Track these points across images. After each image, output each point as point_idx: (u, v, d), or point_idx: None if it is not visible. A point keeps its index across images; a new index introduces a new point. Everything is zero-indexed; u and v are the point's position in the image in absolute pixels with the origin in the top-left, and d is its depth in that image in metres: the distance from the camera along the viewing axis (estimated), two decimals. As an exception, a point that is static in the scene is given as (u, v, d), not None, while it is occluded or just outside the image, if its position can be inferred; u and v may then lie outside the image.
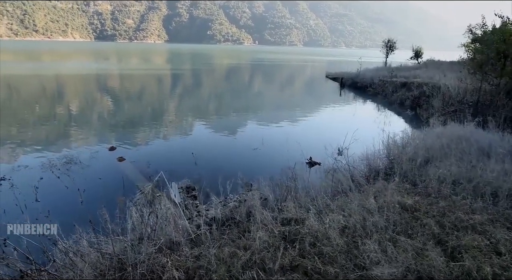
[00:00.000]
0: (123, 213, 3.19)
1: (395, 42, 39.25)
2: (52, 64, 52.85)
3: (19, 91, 25.07)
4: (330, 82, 35.06)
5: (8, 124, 15.38)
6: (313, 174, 9.95)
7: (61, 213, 3.15)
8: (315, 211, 3.18)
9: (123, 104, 21.22)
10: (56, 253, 2.57)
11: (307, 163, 10.72)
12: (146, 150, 11.51)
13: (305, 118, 18.00)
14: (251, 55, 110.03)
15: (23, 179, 7.26)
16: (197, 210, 4.44)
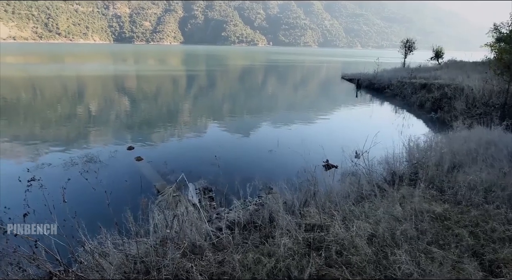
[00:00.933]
0: (145, 214, 3.19)
1: (414, 42, 38.10)
2: (74, 66, 54.84)
3: (43, 92, 26.12)
4: (346, 83, 34.48)
5: (32, 123, 16.04)
6: (330, 177, 9.77)
7: (85, 213, 3.20)
8: (340, 217, 3.06)
9: (141, 104, 21.66)
10: (82, 254, 2.61)
11: (323, 166, 10.53)
12: (163, 150, 11.67)
13: (321, 119, 17.75)
14: (265, 56, 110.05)
15: (51, 179, 7.48)
16: (216, 213, 4.41)
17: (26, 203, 2.29)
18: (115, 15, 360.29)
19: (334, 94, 29.57)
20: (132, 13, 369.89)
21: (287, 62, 79.42)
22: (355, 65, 63.82)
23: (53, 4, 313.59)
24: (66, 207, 2.58)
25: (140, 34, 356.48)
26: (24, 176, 8.71)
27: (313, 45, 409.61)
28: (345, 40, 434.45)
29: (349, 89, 30.50)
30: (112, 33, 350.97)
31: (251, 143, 12.95)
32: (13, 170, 9.42)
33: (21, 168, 9.49)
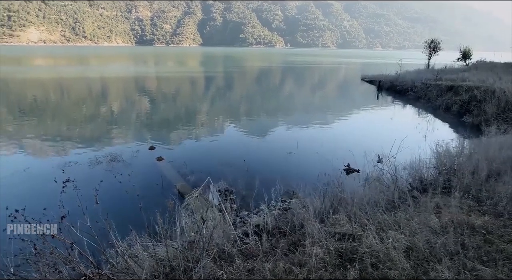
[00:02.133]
0: (172, 217, 3.18)
1: (439, 42, 36.54)
2: (99, 68, 57.08)
3: (69, 93, 27.33)
4: (366, 85, 33.64)
5: (60, 122, 16.78)
6: (351, 181, 9.48)
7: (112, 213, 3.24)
8: (372, 227, 2.90)
9: (161, 105, 22.14)
10: (113, 255, 2.63)
11: (344, 170, 10.25)
12: (182, 151, 11.81)
13: (340, 122, 17.37)
14: (283, 58, 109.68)
15: (84, 180, 7.71)
16: (240, 216, 4.35)
17: (62, 204, 2.33)
18: (137, 18, 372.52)
19: (354, 96, 28.89)
20: (153, 16, 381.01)
21: (305, 63, 78.71)
22: (375, 67, 62.22)
23: (80, 9, 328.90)
24: (98, 208, 2.61)
25: (160, 36, 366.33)
26: (52, 174, 9.08)
27: (331, 46, 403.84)
28: (364, 41, 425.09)
29: (370, 91, 29.71)
30: (134, 36, 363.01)
31: (270, 145, 12.85)
32: (44, 169, 9.85)
33: (51, 165, 9.90)
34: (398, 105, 22.93)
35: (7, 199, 7.80)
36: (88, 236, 2.41)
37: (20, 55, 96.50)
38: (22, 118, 17.46)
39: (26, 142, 12.82)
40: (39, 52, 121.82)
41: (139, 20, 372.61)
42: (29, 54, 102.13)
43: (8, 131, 14.70)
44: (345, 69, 64.63)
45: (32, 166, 9.81)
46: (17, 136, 13.66)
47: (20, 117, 17.88)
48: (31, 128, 15.20)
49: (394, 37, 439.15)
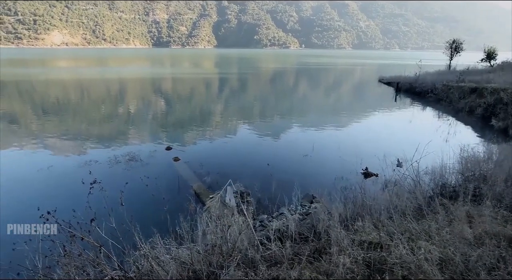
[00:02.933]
0: (193, 219, 3.16)
1: (461, 42, 35.15)
2: (117, 69, 58.74)
3: (89, 93, 28.23)
4: (383, 87, 32.84)
5: (80, 122, 17.34)
6: (369, 186, 9.22)
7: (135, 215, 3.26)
8: (400, 236, 2.75)
9: (177, 106, 22.47)
10: (137, 258, 2.63)
11: (362, 174, 9.99)
12: (198, 151, 11.88)
13: (357, 124, 16.99)
14: (298, 59, 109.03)
15: (105, 180, 7.89)
16: (260, 220, 4.28)
17: (89, 205, 2.35)
18: (154, 21, 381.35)
19: (371, 98, 28.24)
20: (169, 18, 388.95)
21: (320, 65, 77.89)
22: (393, 68, 60.70)
23: (100, 12, 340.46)
24: (119, 209, 2.62)
25: (176, 38, 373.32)
26: (74, 172, 9.34)
27: (347, 47, 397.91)
28: (381, 42, 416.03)
29: (387, 93, 28.98)
30: (151, 38, 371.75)
31: (285, 147, 12.73)
32: (67, 167, 10.16)
33: (73, 164, 10.21)
34: (417, 107, 22.22)
35: (34, 197, 8.10)
36: (112, 237, 2.43)
37: (44, 57, 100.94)
38: (45, 117, 18.18)
39: (49, 140, 13.31)
40: (62, 54, 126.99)
41: (156, 22, 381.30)
42: (53, 57, 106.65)
43: (32, 129, 15.33)
44: (362, 70, 63.42)
45: (55, 164, 10.15)
46: (41, 134, 14.22)
47: (44, 116, 18.62)
48: (53, 127, 15.78)
49: (412, 37, 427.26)
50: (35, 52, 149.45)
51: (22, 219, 7.01)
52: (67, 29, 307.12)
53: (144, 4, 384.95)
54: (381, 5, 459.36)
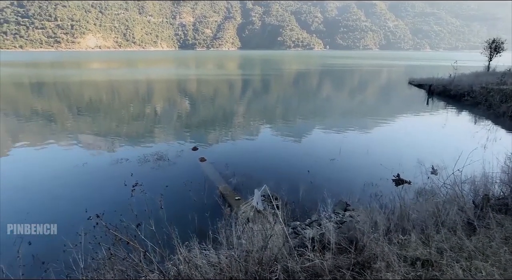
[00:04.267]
0: (228, 224, 3.13)
1: (502, 42, 32.67)
2: (146, 70, 61.13)
3: (119, 93, 29.56)
4: (414, 89, 31.32)
5: (110, 121, 18.17)
6: (402, 194, 8.75)
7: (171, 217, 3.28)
8: (452, 253, 2.50)
9: (203, 107, 22.86)
10: (176, 261, 2.64)
11: (393, 180, 9.52)
12: (224, 152, 11.95)
13: (386, 128, 16.28)
14: (322, 61, 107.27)
15: (143, 182, 8.09)
16: (292, 227, 4.17)
17: (131, 207, 2.38)
18: (180, 24, 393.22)
19: (400, 101, 27.01)
20: (195, 21, 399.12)
21: (345, 66, 76.02)
22: (423, 69, 57.86)
23: (131, 17, 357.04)
24: (163, 213, 2.63)
25: (201, 40, 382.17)
26: (107, 170, 9.72)
27: (373, 48, 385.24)
28: (411, 42, 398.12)
29: (418, 96, 27.59)
30: (177, 41, 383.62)
31: (311, 150, 12.46)
32: (100, 165, 10.63)
33: (105, 161, 10.66)
34: (452, 111, 20.92)
35: (71, 194, 8.53)
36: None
37: (79, 59, 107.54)
38: (79, 116, 19.26)
39: (83, 138, 14.05)
40: (95, 57, 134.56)
41: (182, 25, 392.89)
42: (87, 59, 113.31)
43: (67, 127, 16.30)
44: (390, 72, 61.04)
45: (89, 162, 10.67)
46: (75, 132, 15.07)
47: (78, 115, 19.74)
48: (87, 125, 16.67)
49: (445, 37, 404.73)
50: (72, 55, 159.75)
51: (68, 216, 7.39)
52: (100, 33, 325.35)
53: (171, 8, 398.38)
54: (411, 4, 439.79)
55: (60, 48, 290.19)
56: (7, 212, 7.44)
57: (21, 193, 8.47)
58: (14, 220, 7.02)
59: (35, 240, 4.66)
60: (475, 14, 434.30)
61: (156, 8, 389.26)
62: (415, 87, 32.25)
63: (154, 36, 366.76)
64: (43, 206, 7.74)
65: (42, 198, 8.21)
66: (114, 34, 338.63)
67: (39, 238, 5.10)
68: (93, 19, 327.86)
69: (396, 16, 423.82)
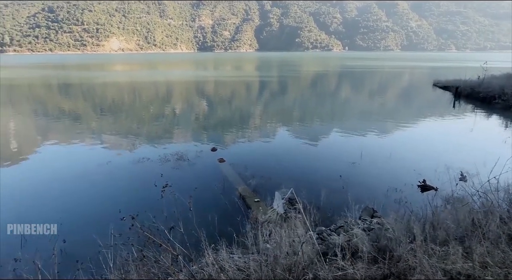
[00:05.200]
0: (254, 228, 3.08)
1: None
2: (166, 72, 62.65)
3: (140, 94, 30.44)
4: (439, 92, 30.05)
5: (132, 121, 18.69)
6: (428, 200, 8.35)
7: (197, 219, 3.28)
8: (497, 269, 2.30)
9: (221, 108, 23.06)
10: (204, 265, 2.63)
11: (419, 186, 9.11)
12: (243, 154, 11.95)
13: (409, 132, 15.65)
14: (341, 62, 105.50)
15: (181, 186, 8.11)
16: (317, 232, 4.05)
17: (162, 208, 2.38)
18: (199, 26, 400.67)
19: (425, 103, 25.95)
20: (214, 24, 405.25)
21: (365, 67, 74.27)
22: (449, 70, 55.46)
23: (152, 20, 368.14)
24: (191, 216, 2.62)
25: (220, 43, 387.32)
26: (131, 169, 9.94)
27: (395, 49, 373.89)
28: (435, 42, 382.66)
29: (444, 98, 26.42)
30: (196, 43, 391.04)
31: (331, 153, 12.22)
32: (123, 163, 10.94)
33: (128, 160, 10.95)
34: (481, 114, 19.83)
35: (101, 195, 8.82)
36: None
37: (103, 62, 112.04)
38: (102, 116, 20.00)
39: (106, 137, 14.54)
40: (118, 59, 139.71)
41: (201, 28, 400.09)
42: (110, 61, 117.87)
43: (91, 127, 16.95)
44: (412, 73, 58.98)
45: (113, 160, 11.00)
46: (99, 131, 15.64)
47: (101, 115, 20.51)
48: (109, 125, 17.27)
49: (472, 37, 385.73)
50: (96, 57, 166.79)
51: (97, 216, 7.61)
52: (123, 36, 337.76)
53: (191, 11, 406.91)
54: (435, 3, 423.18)
55: (86, 50, 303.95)
56: (36, 209, 7.78)
57: (47, 191, 8.85)
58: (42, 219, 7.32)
59: (70, 238, 4.80)
60: (506, 12, 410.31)
61: (177, 11, 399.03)
62: (440, 89, 30.92)
63: (174, 38, 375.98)
64: (70, 205, 8.04)
65: (69, 196, 8.53)
66: (136, 37, 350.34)
67: (73, 236, 5.26)
68: (117, 22, 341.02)
69: (419, 15, 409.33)
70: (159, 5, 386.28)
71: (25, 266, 2.96)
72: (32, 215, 7.28)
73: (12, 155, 12.24)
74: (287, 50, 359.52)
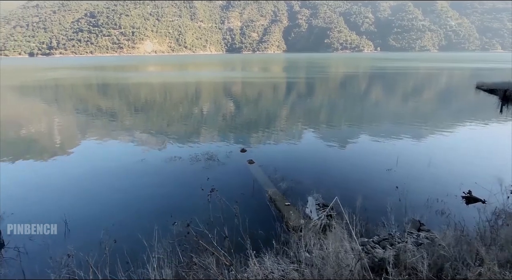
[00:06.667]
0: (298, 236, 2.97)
1: None
2: (196, 73, 64.42)
3: (171, 94, 31.50)
4: (483, 95, 27.75)
5: (163, 120, 19.36)
6: (474, 214, 7.65)
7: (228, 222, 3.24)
8: None
9: (250, 109, 23.13)
10: (248, 271, 2.58)
11: (463, 198, 8.40)
12: (272, 156, 11.81)
13: (451, 138, 14.53)
14: (372, 63, 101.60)
15: (226, 190, 8.18)
16: (361, 244, 3.83)
17: (209, 213, 2.35)
18: (228, 28, 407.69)
19: (467, 107, 24.06)
20: (242, 25, 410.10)
21: (398, 69, 70.81)
22: (494, 72, 51.17)
23: (184, 23, 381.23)
24: (238, 221, 2.56)
25: (248, 44, 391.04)
26: (163, 167, 10.21)
27: (432, 49, 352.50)
28: (477, 42, 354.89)
29: (489, 102, 24.34)
30: (225, 45, 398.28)
31: (364, 158, 11.69)
32: (157, 162, 11.31)
33: (161, 158, 11.29)
34: (534, 120, 17.97)
35: (142, 194, 9.17)
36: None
37: (137, 63, 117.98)
38: (136, 115, 20.93)
39: (139, 135, 15.16)
40: (151, 61, 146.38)
41: (230, 30, 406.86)
42: (144, 63, 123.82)
43: (125, 125, 17.80)
44: (452, 75, 55.19)
45: (147, 158, 11.42)
46: (132, 129, 16.36)
47: (135, 114, 21.49)
48: (142, 123, 18.02)
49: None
50: (131, 59, 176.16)
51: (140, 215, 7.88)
52: (156, 39, 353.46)
53: (220, 13, 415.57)
54: (479, 1, 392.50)
55: (122, 53, 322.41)
56: (79, 206, 8.26)
57: (91, 189, 9.36)
58: (80, 215, 7.72)
59: (121, 240, 4.98)
60: None
61: (207, 14, 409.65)
62: (485, 92, 28.55)
63: (203, 40, 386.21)
64: (115, 203, 8.43)
65: (112, 194, 8.95)
66: (168, 39, 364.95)
67: (123, 237, 5.42)
68: (151, 26, 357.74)
69: (460, 14, 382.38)
70: (190, 7, 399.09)
71: (77, 262, 3.08)
72: (79, 211, 7.74)
73: (55, 151, 13.20)
74: (316, 51, 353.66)
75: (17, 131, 16.88)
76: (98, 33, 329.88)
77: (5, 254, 6.05)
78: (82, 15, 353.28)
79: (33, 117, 20.99)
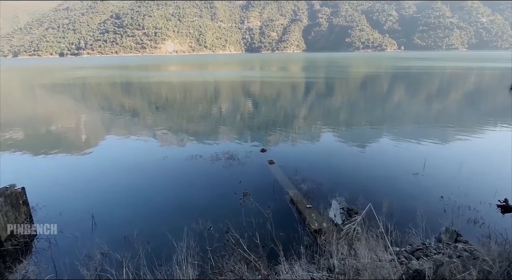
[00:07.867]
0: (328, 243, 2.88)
1: None
2: (215, 72, 65.15)
3: (191, 93, 32.00)
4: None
5: (183, 119, 19.68)
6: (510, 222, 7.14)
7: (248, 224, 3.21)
8: None
9: (269, 109, 23.03)
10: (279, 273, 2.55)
11: (498, 207, 7.86)
12: (292, 156, 11.66)
13: (484, 142, 13.69)
14: (396, 62, 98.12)
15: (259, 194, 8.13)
16: (395, 253, 3.65)
17: (243, 218, 2.32)
18: (248, 28, 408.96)
19: (501, 110, 22.57)
20: (262, 25, 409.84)
21: (423, 69, 67.83)
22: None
23: (204, 23, 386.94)
24: (271, 225, 2.50)
25: (267, 44, 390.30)
26: (184, 165, 10.32)
27: (460, 48, 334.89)
28: (511, 39, 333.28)
29: (526, 104, 22.71)
30: (244, 44, 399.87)
31: (389, 160, 11.27)
32: (179, 160, 11.50)
33: (183, 156, 11.45)
34: None
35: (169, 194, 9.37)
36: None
37: (159, 63, 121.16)
38: (157, 113, 21.44)
39: (161, 133, 15.50)
40: (172, 60, 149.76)
41: (249, 29, 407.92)
42: (166, 62, 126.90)
43: (147, 122, 18.28)
44: (483, 75, 52.15)
45: (169, 156, 11.66)
46: (154, 127, 16.77)
47: (156, 112, 22.02)
48: (163, 121, 18.43)
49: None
50: (154, 59, 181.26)
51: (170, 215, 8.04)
52: (177, 39, 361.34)
53: (240, 13, 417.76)
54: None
55: (145, 53, 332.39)
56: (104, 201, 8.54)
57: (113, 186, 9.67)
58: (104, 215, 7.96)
59: (154, 241, 5.09)
60: None
61: (227, 13, 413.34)
62: (521, 93, 26.71)
63: (223, 40, 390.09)
64: (141, 203, 8.67)
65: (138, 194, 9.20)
66: (189, 39, 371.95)
67: (156, 239, 5.53)
68: (172, 26, 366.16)
69: (492, 10, 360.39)
70: (211, 8, 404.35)
71: (110, 261, 3.16)
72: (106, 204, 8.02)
73: (82, 147, 13.78)
74: (336, 50, 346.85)
75: (48, 128, 17.81)
76: (122, 34, 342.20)
77: (37, 245, 6.38)
78: (108, 17, 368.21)
79: (62, 114, 22.08)
